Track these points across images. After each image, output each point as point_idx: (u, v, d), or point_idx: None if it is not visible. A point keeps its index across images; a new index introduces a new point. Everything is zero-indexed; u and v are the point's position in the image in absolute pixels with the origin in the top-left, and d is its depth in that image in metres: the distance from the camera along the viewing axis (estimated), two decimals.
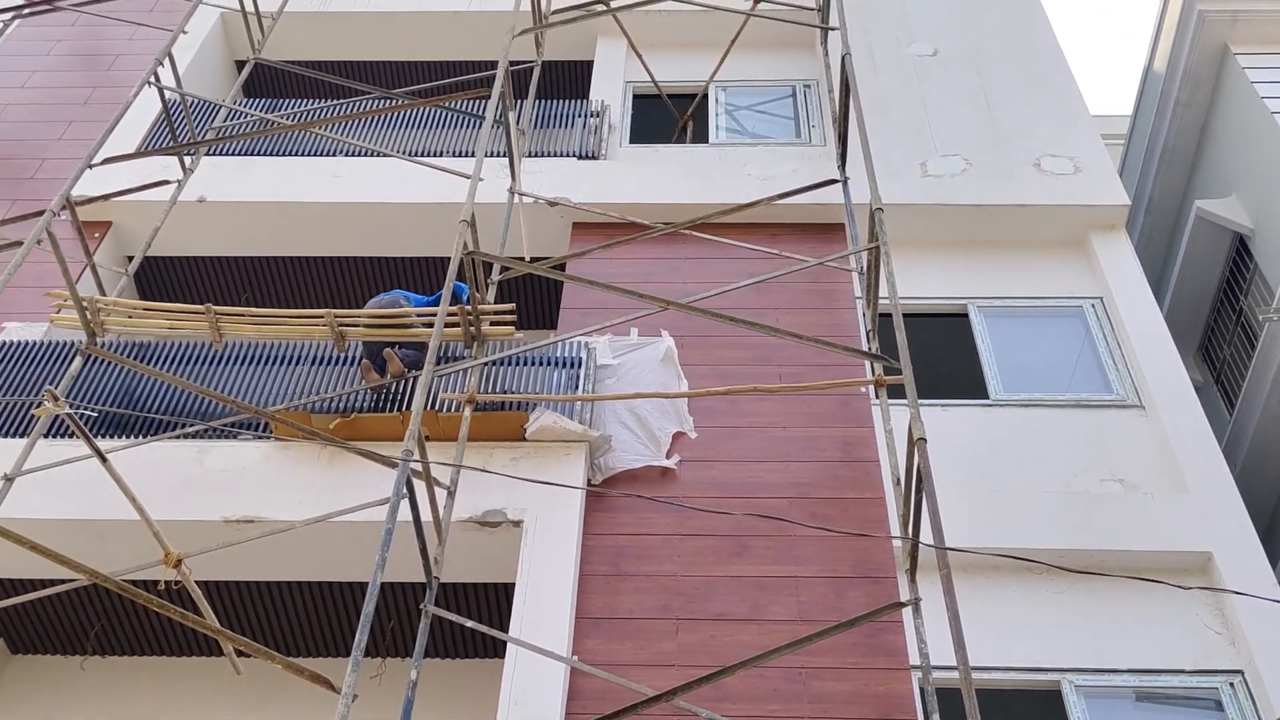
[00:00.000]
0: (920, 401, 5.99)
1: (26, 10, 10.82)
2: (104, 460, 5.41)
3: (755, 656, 5.24)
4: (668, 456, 7.24)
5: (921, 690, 5.62)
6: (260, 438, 7.24)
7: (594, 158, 9.78)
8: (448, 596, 7.21)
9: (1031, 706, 6.42)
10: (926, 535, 5.67)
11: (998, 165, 9.31)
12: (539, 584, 6.38)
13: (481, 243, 7.16)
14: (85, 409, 7.19)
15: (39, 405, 6.09)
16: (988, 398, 8.04)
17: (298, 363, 7.72)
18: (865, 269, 7.39)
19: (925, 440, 5.47)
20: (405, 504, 5.37)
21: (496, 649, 7.35)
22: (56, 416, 6.93)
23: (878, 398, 6.70)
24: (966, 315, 8.64)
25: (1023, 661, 6.48)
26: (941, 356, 8.25)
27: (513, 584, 6.64)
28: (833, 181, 8.37)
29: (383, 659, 7.25)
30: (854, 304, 8.38)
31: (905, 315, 6.67)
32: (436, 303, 7.50)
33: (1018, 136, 9.60)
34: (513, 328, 7.28)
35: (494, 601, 7.22)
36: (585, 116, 10.17)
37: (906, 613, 6.02)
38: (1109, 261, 8.76)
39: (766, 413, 7.50)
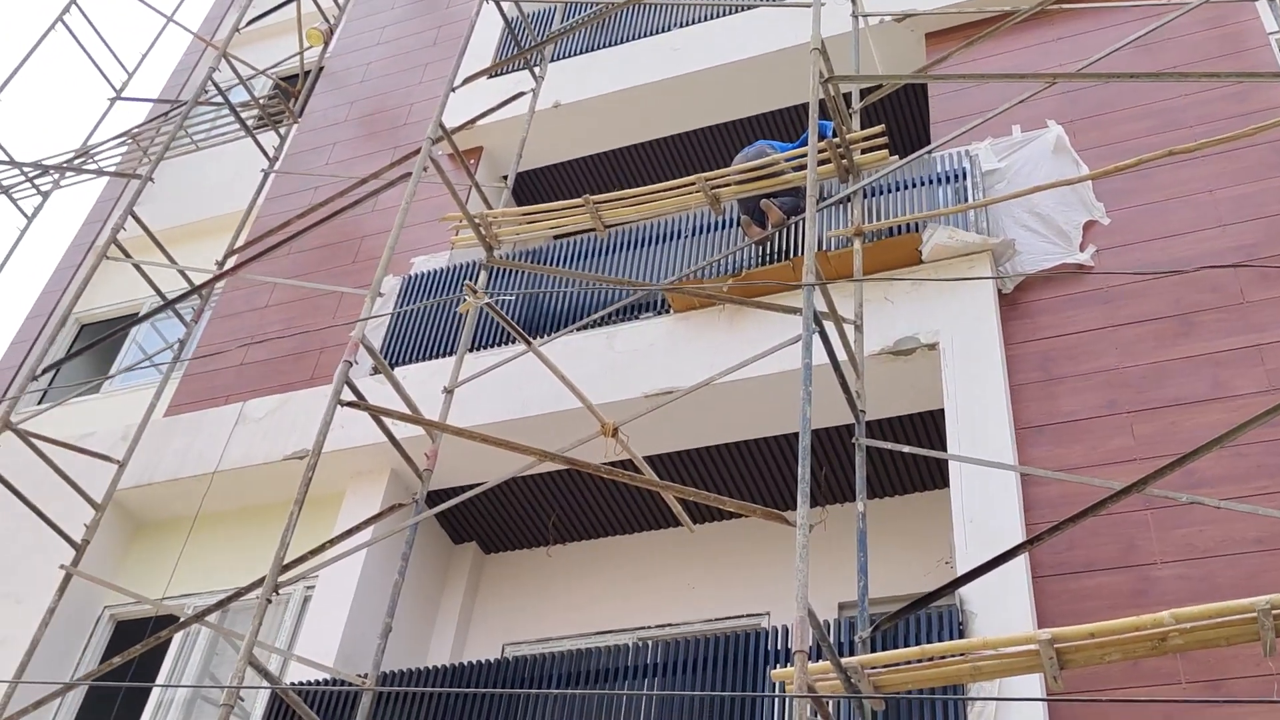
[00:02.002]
0: None
1: None
2: (530, 345, 5.67)
3: (1227, 433, 4.73)
4: (1081, 249, 6.70)
5: None
6: (660, 314, 7.41)
7: None
8: (875, 434, 7.09)
9: None
10: None
11: None
12: (969, 402, 6.12)
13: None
14: (500, 295, 7.61)
15: (461, 301, 6.49)
16: None
17: (679, 237, 7.80)
18: None
19: None
20: (814, 355, 5.23)
21: (935, 480, 7.17)
22: (479, 325, 7.41)
23: None
24: None
25: None
26: None
27: (941, 410, 6.43)
28: None
29: (823, 507, 7.26)
30: (1267, 41, 7.36)
31: None
32: (801, 146, 7.34)
33: None
34: (885, 151, 6.97)
35: (924, 432, 7.01)
36: None
37: None
38: None
39: (1186, 180, 6.76)
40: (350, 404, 5.79)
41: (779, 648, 5.73)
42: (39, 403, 9.76)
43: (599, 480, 7.56)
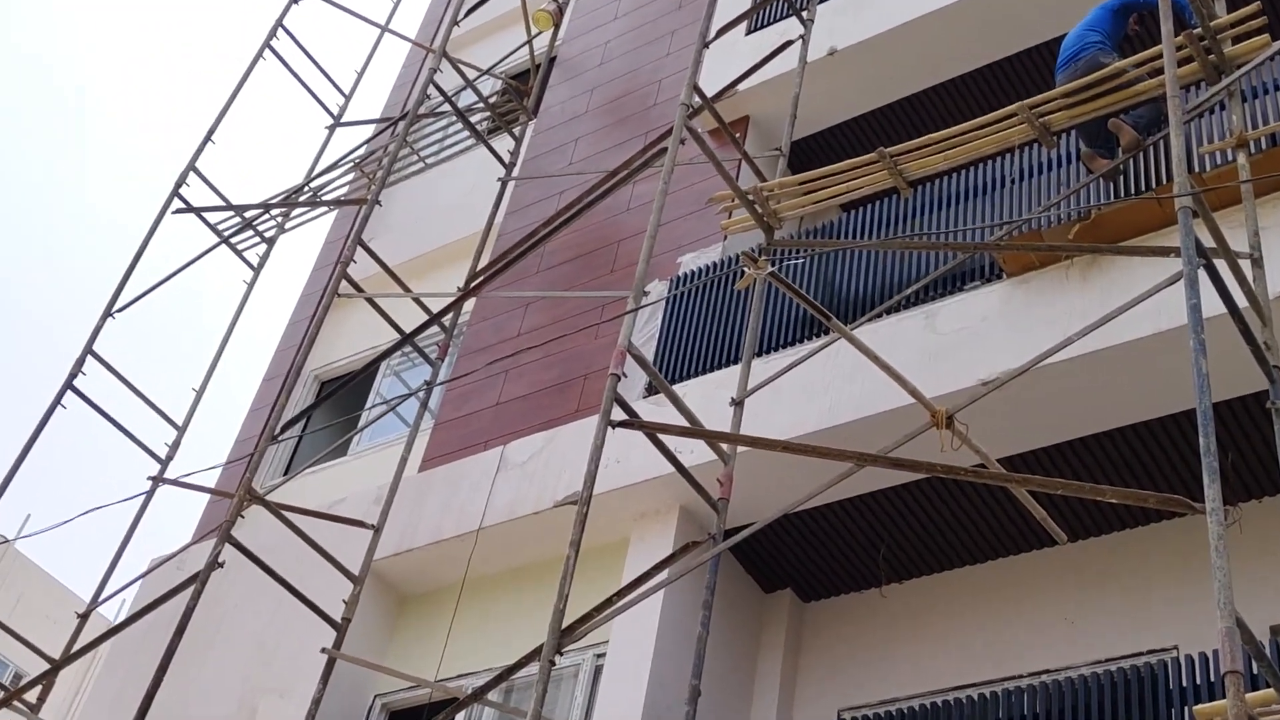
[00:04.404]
0: None
1: None
2: (831, 320, 5.39)
3: None
4: None
5: None
6: (990, 281, 7.00)
7: None
8: None
9: None
10: None
11: None
12: None
13: None
14: (789, 260, 7.36)
15: (740, 276, 6.29)
16: None
17: (1002, 186, 7.41)
18: None
19: None
20: (1203, 302, 4.69)
21: None
22: (764, 326, 7.19)
23: None
24: None
25: None
26: None
27: None
28: None
29: (1236, 506, 6.58)
30: None
31: None
32: (1119, 10, 6.82)
33: None
34: (1267, 35, 6.32)
35: None
36: None
37: None
38: None
39: None
40: (622, 424, 5.66)
41: (1195, 683, 5.18)
42: (284, 472, 10.22)
43: (936, 497, 7.17)
